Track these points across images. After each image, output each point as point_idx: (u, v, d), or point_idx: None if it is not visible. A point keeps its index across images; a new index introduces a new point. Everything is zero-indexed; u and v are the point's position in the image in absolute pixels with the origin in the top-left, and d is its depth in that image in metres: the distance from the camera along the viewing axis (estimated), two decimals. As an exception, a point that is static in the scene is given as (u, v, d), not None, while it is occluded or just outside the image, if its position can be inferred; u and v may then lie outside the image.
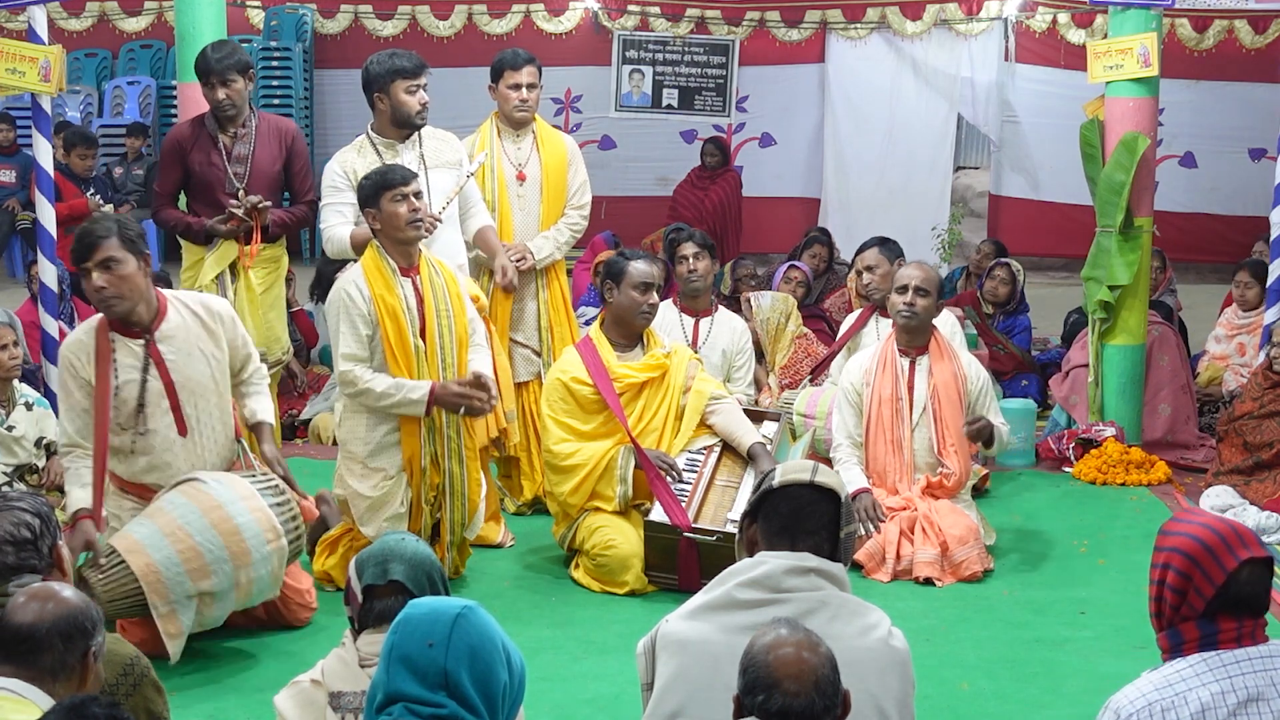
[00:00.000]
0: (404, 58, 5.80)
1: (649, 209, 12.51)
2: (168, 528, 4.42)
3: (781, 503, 3.00)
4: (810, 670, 2.47)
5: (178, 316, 4.65)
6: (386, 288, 5.14)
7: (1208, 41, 12.57)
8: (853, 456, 5.82)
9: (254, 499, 4.55)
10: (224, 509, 4.47)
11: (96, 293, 4.47)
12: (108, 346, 4.52)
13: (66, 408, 4.57)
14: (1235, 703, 2.67)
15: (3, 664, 2.74)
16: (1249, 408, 6.63)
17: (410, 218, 5.13)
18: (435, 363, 5.20)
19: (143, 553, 4.37)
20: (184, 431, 4.62)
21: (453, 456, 5.27)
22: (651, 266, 5.67)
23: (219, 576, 4.44)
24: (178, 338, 4.62)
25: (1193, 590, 2.73)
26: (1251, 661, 2.71)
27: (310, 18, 13.29)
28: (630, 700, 3.76)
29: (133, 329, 4.56)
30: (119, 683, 3.13)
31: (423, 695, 2.45)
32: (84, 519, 4.46)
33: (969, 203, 14.60)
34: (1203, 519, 2.82)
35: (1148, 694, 2.72)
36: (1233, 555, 2.72)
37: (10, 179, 11.30)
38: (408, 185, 5.15)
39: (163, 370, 4.57)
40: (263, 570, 4.53)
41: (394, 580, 3.15)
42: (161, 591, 4.36)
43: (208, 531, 4.42)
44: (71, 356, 4.54)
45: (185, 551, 4.39)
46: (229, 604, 4.53)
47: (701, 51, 13.16)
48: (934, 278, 5.91)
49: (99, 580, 4.36)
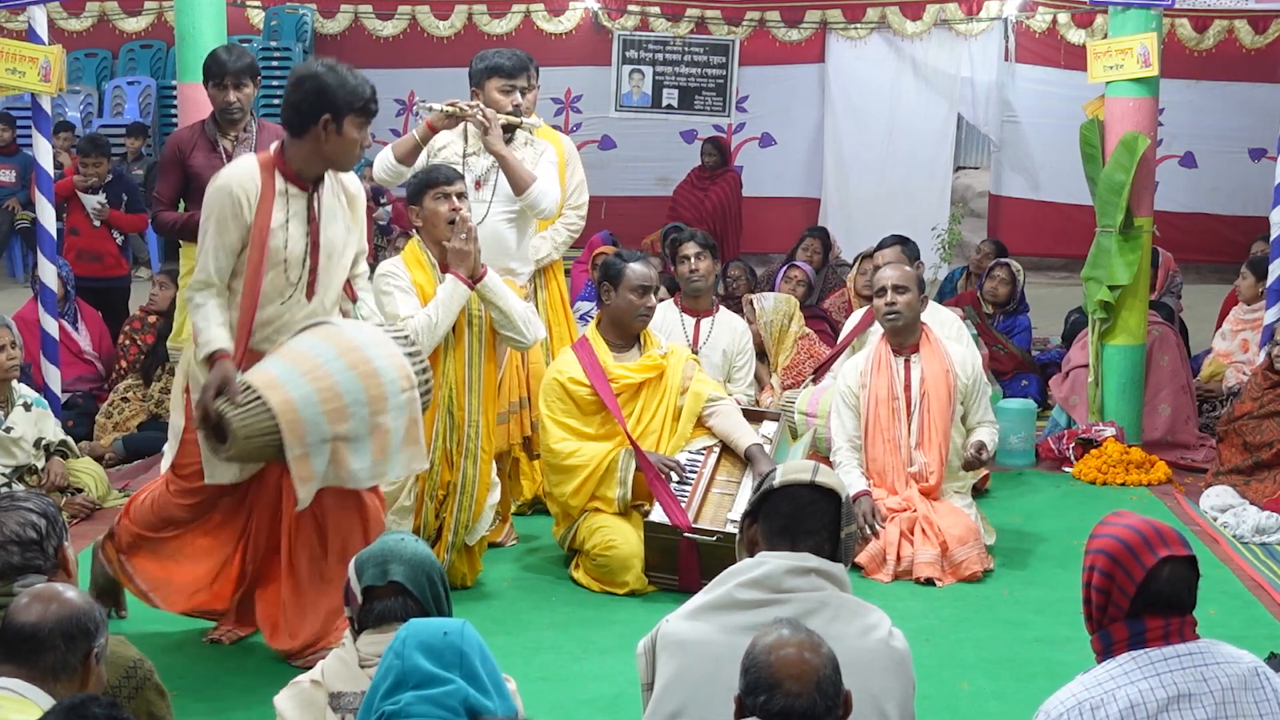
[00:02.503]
0: (504, 56, 5.83)
1: (649, 209, 12.51)
2: (304, 365, 4.20)
3: (782, 503, 3.00)
4: (812, 671, 2.48)
5: (330, 181, 4.47)
6: (426, 279, 5.16)
7: (1208, 41, 12.57)
8: (852, 459, 5.82)
9: (389, 344, 4.36)
10: (361, 351, 4.27)
11: (358, 146, 4.36)
12: (273, 189, 4.31)
13: (215, 245, 4.27)
14: (1164, 698, 2.71)
15: (5, 663, 2.75)
16: (1249, 407, 6.63)
17: (449, 216, 5.12)
18: (462, 360, 5.23)
19: (280, 389, 4.13)
20: (311, 296, 4.41)
21: (469, 456, 5.25)
22: (650, 269, 5.68)
23: (356, 421, 4.20)
24: (328, 201, 4.44)
25: (1116, 590, 2.79)
26: (1180, 659, 2.75)
27: (310, 18, 13.29)
28: (630, 700, 3.76)
29: (302, 180, 4.37)
30: (121, 685, 3.13)
31: (436, 673, 2.51)
32: (223, 358, 4.22)
33: (969, 203, 14.60)
34: (1127, 521, 2.87)
35: (1077, 694, 2.76)
36: (1152, 554, 2.77)
37: (10, 179, 11.31)
38: (451, 185, 5.16)
39: (314, 228, 4.38)
40: (397, 421, 4.29)
41: (394, 581, 3.15)
42: (298, 431, 4.13)
43: (346, 372, 4.20)
44: (240, 192, 4.26)
45: (324, 391, 4.16)
46: (365, 456, 4.26)
47: (701, 51, 13.16)
48: (911, 274, 5.94)
49: (235, 415, 4.12)
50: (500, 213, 5.72)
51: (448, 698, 2.52)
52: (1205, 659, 2.75)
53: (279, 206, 4.30)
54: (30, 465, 6.04)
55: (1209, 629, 2.86)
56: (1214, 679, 2.73)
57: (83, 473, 6.25)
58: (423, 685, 2.53)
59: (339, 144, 4.31)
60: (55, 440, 6.21)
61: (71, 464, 6.24)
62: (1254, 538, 6.08)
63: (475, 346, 5.26)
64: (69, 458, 6.26)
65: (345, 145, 4.32)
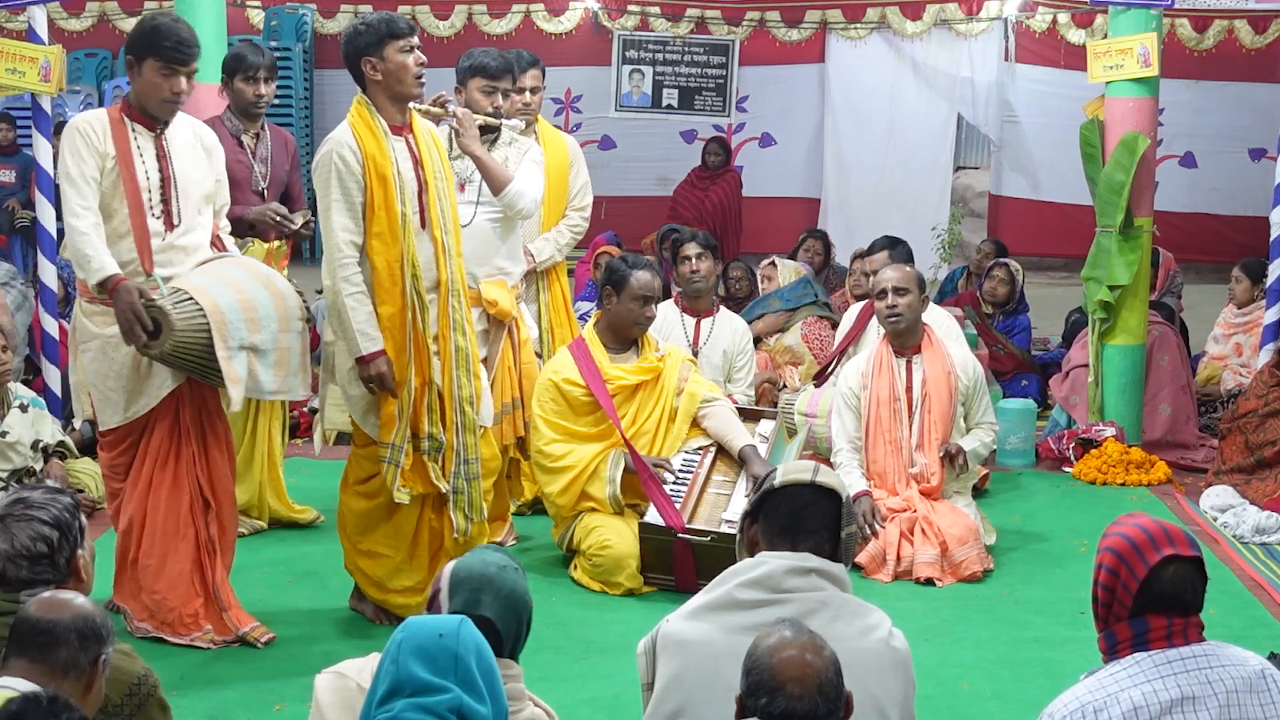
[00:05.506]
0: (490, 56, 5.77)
1: (649, 209, 12.52)
2: (225, 278, 4.57)
3: (783, 503, 3.00)
4: (814, 673, 2.47)
5: (188, 129, 4.81)
6: (377, 147, 4.69)
7: (1208, 41, 12.57)
8: (853, 460, 5.82)
9: (285, 281, 4.76)
10: (269, 277, 4.71)
11: (174, 95, 4.62)
12: (123, 126, 4.65)
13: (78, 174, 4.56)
14: (1168, 700, 2.70)
15: (18, 658, 2.74)
16: (1253, 405, 6.63)
17: (418, 72, 4.79)
18: (438, 226, 4.78)
19: (208, 293, 4.49)
20: (171, 226, 4.68)
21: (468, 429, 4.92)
22: (653, 279, 5.66)
23: (267, 334, 4.56)
24: (181, 143, 4.75)
25: (1120, 588, 2.79)
26: (1184, 661, 2.74)
27: (310, 18, 13.29)
28: (630, 700, 3.76)
29: (147, 119, 4.69)
30: (124, 703, 3.08)
31: (431, 682, 2.47)
32: (123, 280, 4.47)
33: (969, 203, 14.61)
34: (1137, 520, 2.87)
35: (1080, 696, 2.76)
36: (1156, 552, 2.77)
37: (10, 179, 11.30)
38: (413, 36, 4.84)
39: (164, 164, 4.68)
40: (296, 344, 4.66)
41: (483, 615, 2.95)
42: (224, 331, 4.45)
43: (260, 290, 4.60)
44: (85, 126, 4.59)
45: (243, 300, 4.53)
46: (270, 370, 4.59)
47: (701, 51, 13.17)
48: (911, 274, 5.91)
49: (172, 309, 4.39)
50: (487, 213, 5.63)
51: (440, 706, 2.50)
52: (1210, 661, 2.75)
53: (132, 141, 4.64)
54: (28, 468, 6.03)
55: (1209, 629, 2.85)
56: (1219, 681, 2.72)
57: (82, 473, 6.24)
58: (418, 694, 2.50)
59: (140, 85, 4.64)
60: (53, 442, 6.20)
61: (71, 464, 6.23)
62: (1254, 538, 6.08)
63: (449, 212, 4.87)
64: (68, 459, 6.25)
65: (145, 87, 4.63)
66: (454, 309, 4.79)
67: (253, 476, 5.94)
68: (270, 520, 6.03)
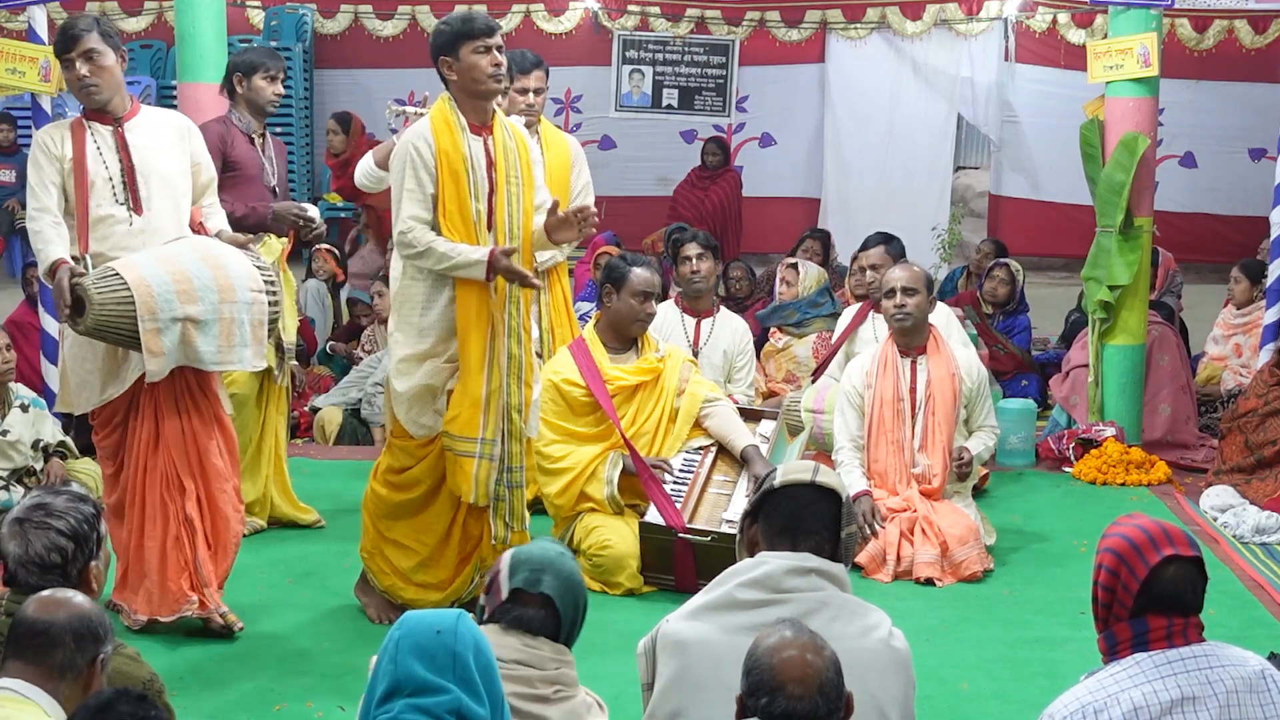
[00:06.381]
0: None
1: (649, 209, 12.51)
2: (161, 256, 4.69)
3: (783, 503, 3.00)
4: (815, 673, 2.47)
5: (154, 119, 4.98)
6: (453, 144, 4.71)
7: (1208, 41, 12.57)
8: (854, 459, 5.82)
9: (241, 255, 4.85)
10: (211, 249, 4.79)
11: (78, 81, 4.79)
12: (82, 128, 4.85)
13: (37, 180, 4.80)
14: (1168, 701, 2.70)
15: (14, 659, 2.74)
16: (1253, 405, 6.64)
17: (493, 71, 4.75)
18: (503, 230, 4.73)
19: (136, 269, 4.61)
20: (140, 210, 4.83)
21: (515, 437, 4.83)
22: (653, 275, 5.66)
23: (205, 305, 4.63)
24: (145, 132, 4.91)
25: (1120, 588, 2.79)
26: (1184, 661, 2.75)
27: (310, 18, 13.29)
28: (630, 700, 3.76)
29: (105, 117, 4.85)
30: None
31: (429, 681, 2.47)
32: (65, 263, 4.63)
33: (969, 203, 14.60)
34: (1138, 521, 2.87)
35: (1080, 697, 2.76)
36: (1156, 552, 2.77)
37: (10, 179, 11.30)
38: (491, 36, 4.74)
39: (125, 155, 4.83)
40: (244, 315, 4.72)
41: (544, 593, 3.07)
42: (150, 306, 4.55)
43: (198, 264, 4.68)
44: (46, 138, 4.83)
45: (176, 274, 4.62)
46: (213, 340, 4.68)
47: (701, 51, 13.16)
48: (920, 275, 5.88)
49: (92, 285, 4.52)
50: None
51: (438, 707, 2.48)
52: (1210, 661, 2.75)
53: (89, 140, 4.83)
54: (28, 467, 6.03)
55: (1209, 629, 2.85)
56: (1219, 682, 2.72)
57: (82, 473, 6.23)
58: (417, 694, 2.49)
59: (65, 79, 4.89)
60: (54, 441, 6.20)
61: (71, 464, 6.23)
62: (1254, 538, 6.08)
63: (515, 215, 4.82)
64: (68, 458, 6.25)
65: (68, 80, 4.87)
66: (510, 315, 4.74)
67: (260, 473, 5.95)
68: (270, 519, 6.03)
